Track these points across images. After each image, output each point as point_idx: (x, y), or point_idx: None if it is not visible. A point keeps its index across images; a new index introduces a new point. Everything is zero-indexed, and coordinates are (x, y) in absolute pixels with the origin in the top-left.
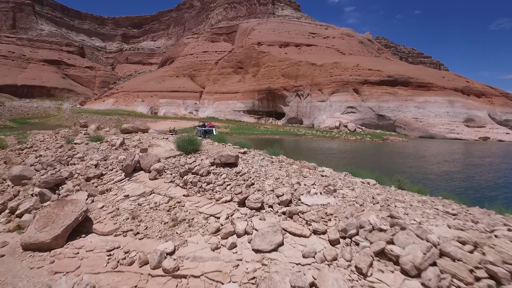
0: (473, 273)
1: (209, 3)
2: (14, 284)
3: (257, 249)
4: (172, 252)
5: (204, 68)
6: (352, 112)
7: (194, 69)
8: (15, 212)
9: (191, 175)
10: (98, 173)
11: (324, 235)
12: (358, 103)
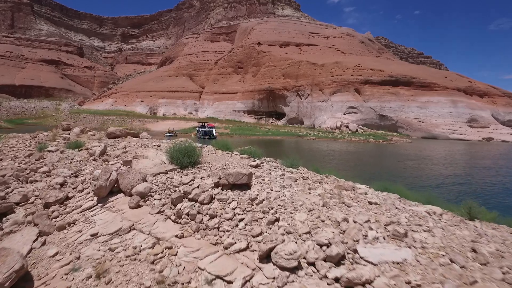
0: None
1: (209, 2)
2: None
3: None
4: None
5: (204, 68)
6: (353, 112)
7: (194, 69)
8: None
9: (188, 203)
10: (62, 196)
11: None
12: (360, 103)
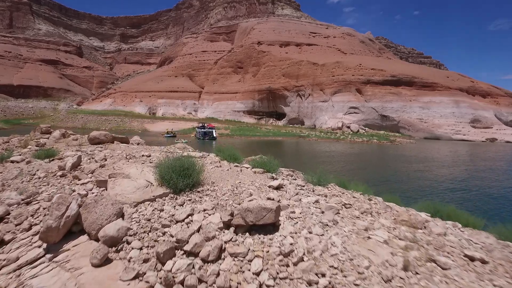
0: None
1: (208, 2)
2: None
3: None
4: None
5: (203, 68)
6: (354, 112)
7: (193, 69)
8: None
9: (183, 260)
10: None
11: None
12: (361, 103)
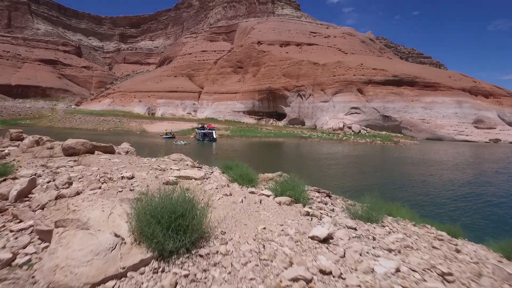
0: None
1: (208, 2)
2: None
3: None
4: None
5: (203, 67)
6: (356, 113)
7: (193, 69)
8: None
9: None
10: None
11: None
12: (362, 103)
